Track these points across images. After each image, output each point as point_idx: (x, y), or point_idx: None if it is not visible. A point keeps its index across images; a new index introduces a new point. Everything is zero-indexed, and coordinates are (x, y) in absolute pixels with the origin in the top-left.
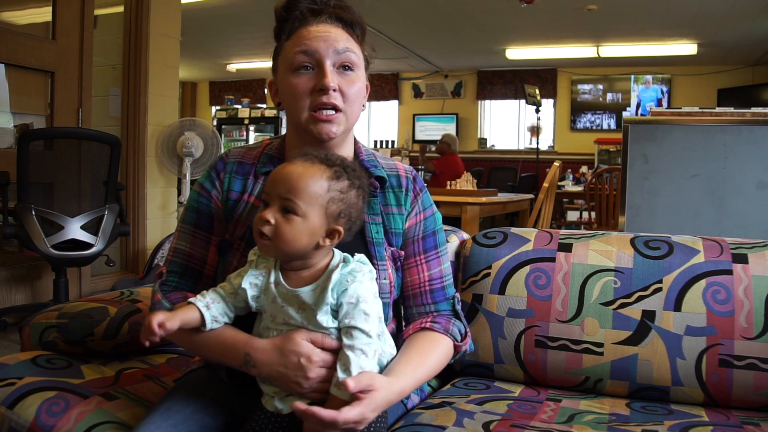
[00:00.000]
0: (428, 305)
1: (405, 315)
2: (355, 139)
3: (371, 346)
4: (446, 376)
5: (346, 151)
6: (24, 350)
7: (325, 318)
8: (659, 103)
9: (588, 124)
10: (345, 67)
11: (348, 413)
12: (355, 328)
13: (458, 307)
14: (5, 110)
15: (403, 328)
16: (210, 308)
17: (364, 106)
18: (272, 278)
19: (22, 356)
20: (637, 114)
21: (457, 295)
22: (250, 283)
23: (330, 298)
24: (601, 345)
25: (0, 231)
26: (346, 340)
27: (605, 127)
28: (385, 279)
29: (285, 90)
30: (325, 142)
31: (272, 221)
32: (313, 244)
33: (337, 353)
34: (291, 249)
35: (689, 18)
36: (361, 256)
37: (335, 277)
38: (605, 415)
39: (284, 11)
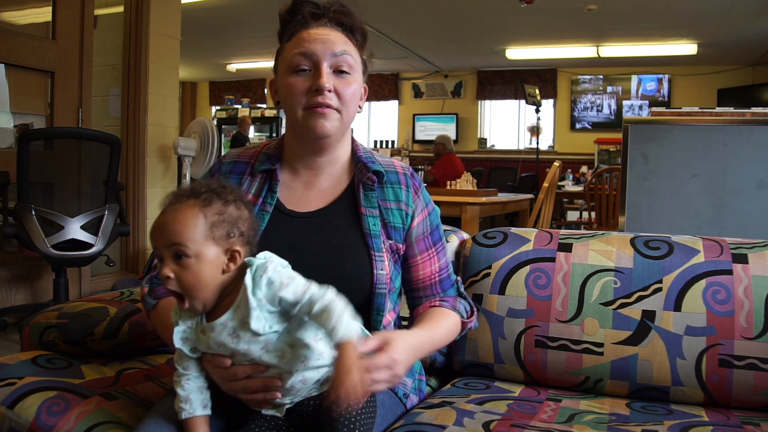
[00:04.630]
0: (438, 294)
1: (415, 304)
2: (352, 138)
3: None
4: (446, 376)
5: (344, 151)
6: (24, 350)
7: (261, 324)
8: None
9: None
10: (342, 70)
11: (379, 359)
12: (310, 292)
13: (462, 289)
14: (5, 110)
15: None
16: (190, 402)
17: (360, 108)
18: (197, 325)
19: (23, 356)
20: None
21: (459, 278)
22: (180, 339)
23: (254, 302)
24: (601, 345)
25: (0, 231)
26: (316, 306)
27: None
28: (381, 270)
29: (283, 89)
30: (320, 140)
31: (171, 274)
32: (220, 273)
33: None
34: (203, 291)
35: (689, 18)
36: (264, 252)
37: (247, 281)
38: (605, 415)
39: (287, 14)
